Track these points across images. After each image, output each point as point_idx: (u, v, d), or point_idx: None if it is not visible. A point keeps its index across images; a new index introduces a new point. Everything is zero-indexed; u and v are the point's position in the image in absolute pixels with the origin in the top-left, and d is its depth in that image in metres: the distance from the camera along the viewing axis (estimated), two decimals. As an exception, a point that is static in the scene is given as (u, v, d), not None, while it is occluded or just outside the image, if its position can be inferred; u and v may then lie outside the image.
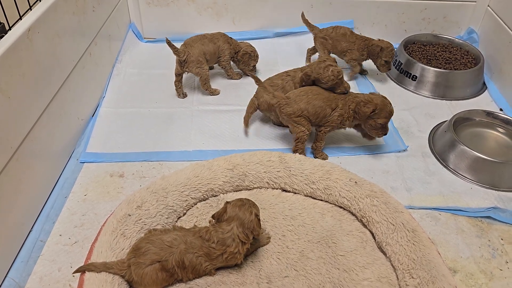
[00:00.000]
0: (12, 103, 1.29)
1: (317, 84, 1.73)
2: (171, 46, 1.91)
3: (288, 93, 1.71)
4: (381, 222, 1.38)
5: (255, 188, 1.56)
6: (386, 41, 2.08)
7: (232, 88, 2.14)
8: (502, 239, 1.44)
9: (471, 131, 1.84)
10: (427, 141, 1.84)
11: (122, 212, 1.35)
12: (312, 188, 1.52)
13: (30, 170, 1.41)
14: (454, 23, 2.47)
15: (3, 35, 1.32)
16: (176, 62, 1.99)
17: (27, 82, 1.38)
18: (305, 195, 1.54)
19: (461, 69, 2.15)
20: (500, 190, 1.61)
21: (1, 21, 1.33)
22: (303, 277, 1.28)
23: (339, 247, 1.36)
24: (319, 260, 1.33)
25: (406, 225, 1.34)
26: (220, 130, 1.87)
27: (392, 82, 2.23)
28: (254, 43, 2.21)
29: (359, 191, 1.46)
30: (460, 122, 1.84)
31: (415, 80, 2.15)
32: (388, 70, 2.12)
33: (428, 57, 2.25)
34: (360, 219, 1.45)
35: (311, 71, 1.72)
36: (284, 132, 1.86)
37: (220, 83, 2.18)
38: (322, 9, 2.46)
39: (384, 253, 1.35)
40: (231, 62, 2.16)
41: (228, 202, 1.29)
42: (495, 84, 2.17)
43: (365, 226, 1.44)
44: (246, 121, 1.85)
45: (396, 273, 1.29)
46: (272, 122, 1.91)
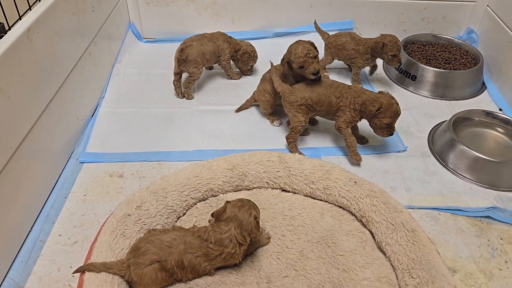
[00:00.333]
0: (11, 103, 1.29)
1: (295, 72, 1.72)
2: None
3: (295, 85, 1.73)
4: (381, 222, 1.38)
5: (255, 188, 1.56)
6: (388, 34, 2.00)
7: (232, 88, 2.14)
8: (501, 239, 1.44)
9: (470, 131, 1.84)
10: (427, 141, 1.84)
11: (122, 212, 1.35)
12: (311, 188, 1.52)
13: (30, 170, 1.41)
14: (454, 23, 2.48)
15: (3, 35, 1.32)
16: (174, 60, 1.98)
17: (26, 82, 1.38)
18: (304, 195, 1.54)
19: (460, 69, 2.15)
20: (500, 190, 1.61)
21: (1, 21, 1.33)
22: (303, 277, 1.28)
23: (339, 247, 1.36)
24: (318, 260, 1.33)
25: (406, 225, 1.34)
26: (219, 130, 1.87)
27: (392, 82, 2.23)
28: (253, 43, 2.21)
29: (359, 191, 1.46)
30: (460, 122, 1.84)
31: (414, 80, 2.15)
32: (399, 63, 2.01)
33: (428, 57, 2.25)
34: (360, 219, 1.45)
35: (284, 56, 1.73)
36: (284, 132, 1.86)
37: (220, 83, 2.18)
38: (322, 9, 2.46)
39: (384, 253, 1.35)
40: (231, 61, 2.16)
41: (228, 202, 1.29)
42: (495, 84, 2.17)
43: (364, 226, 1.44)
44: (240, 109, 1.96)
45: (395, 273, 1.29)
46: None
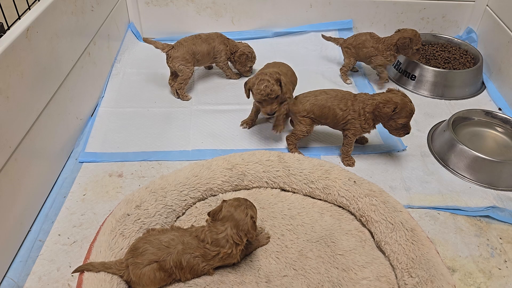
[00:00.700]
0: (10, 102, 1.29)
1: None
2: (152, 43, 1.97)
3: (301, 93, 1.72)
4: (380, 221, 1.38)
5: (254, 187, 1.56)
6: (407, 29, 2.01)
7: (231, 88, 2.14)
8: (500, 238, 1.44)
9: (470, 131, 1.84)
10: (426, 140, 1.84)
11: (121, 212, 1.35)
12: (311, 187, 1.52)
13: (29, 170, 1.41)
14: (453, 22, 2.48)
15: (2, 35, 1.32)
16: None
17: (25, 82, 1.38)
18: (304, 195, 1.54)
19: (460, 69, 2.15)
20: (499, 190, 1.61)
21: (0, 21, 1.33)
22: (302, 276, 1.28)
23: (338, 247, 1.36)
24: (318, 260, 1.33)
25: (405, 224, 1.34)
26: (219, 129, 1.87)
27: (391, 82, 2.23)
28: (253, 43, 2.21)
29: (358, 191, 1.46)
30: (459, 121, 1.84)
31: (414, 80, 2.15)
32: (420, 55, 2.06)
33: (427, 56, 2.25)
34: (359, 219, 1.45)
35: (249, 81, 1.63)
36: (283, 132, 1.85)
37: (219, 83, 2.18)
38: (321, 9, 2.46)
39: (383, 252, 1.35)
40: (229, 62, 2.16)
41: (225, 201, 1.28)
42: (494, 83, 2.17)
43: (364, 225, 1.44)
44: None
45: (395, 272, 1.29)
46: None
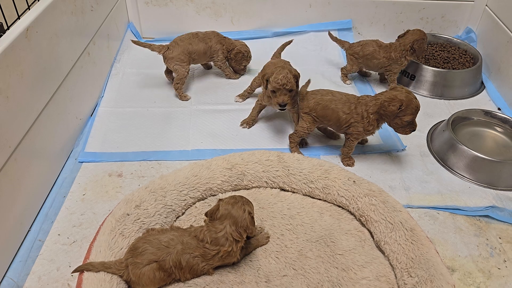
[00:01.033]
0: (10, 102, 1.29)
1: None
2: (146, 46, 1.96)
3: (310, 90, 1.70)
4: (380, 221, 1.38)
5: (254, 187, 1.56)
6: (415, 31, 2.00)
7: (230, 87, 2.14)
8: (500, 238, 1.44)
9: (469, 131, 1.84)
10: (426, 140, 1.84)
11: (121, 212, 1.35)
12: (310, 187, 1.52)
13: (29, 170, 1.41)
14: (452, 22, 2.48)
15: (2, 35, 1.32)
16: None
17: (25, 82, 1.38)
18: (303, 194, 1.55)
19: (459, 69, 2.15)
20: (498, 189, 1.61)
21: (0, 21, 1.33)
22: (302, 276, 1.28)
23: (338, 246, 1.37)
24: (317, 259, 1.33)
25: (405, 224, 1.35)
26: (218, 129, 1.87)
27: (391, 81, 2.24)
28: (252, 42, 2.21)
29: (358, 190, 1.47)
30: (458, 121, 1.84)
31: (413, 80, 2.15)
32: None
33: (427, 56, 2.25)
34: (359, 218, 1.45)
35: (269, 72, 1.63)
36: (283, 132, 1.86)
37: (218, 83, 2.18)
38: (321, 9, 2.46)
39: (383, 252, 1.36)
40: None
41: (221, 200, 1.28)
42: (493, 83, 2.17)
43: (363, 225, 1.44)
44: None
45: (394, 272, 1.30)
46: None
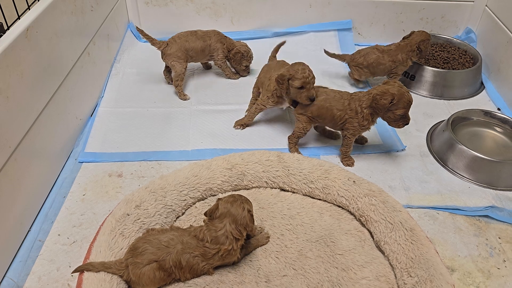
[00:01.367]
0: (10, 102, 1.29)
1: (289, 93, 1.66)
2: (149, 39, 1.96)
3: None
4: (379, 221, 1.38)
5: (254, 187, 1.56)
6: (420, 32, 2.00)
7: (230, 87, 2.14)
8: (499, 238, 1.44)
9: (469, 131, 1.84)
10: (425, 140, 1.85)
11: (121, 212, 1.35)
12: (310, 187, 1.52)
13: (29, 170, 1.41)
14: (452, 22, 2.48)
15: (2, 35, 1.32)
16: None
17: (25, 82, 1.38)
18: (303, 195, 1.55)
19: (459, 69, 2.16)
20: (498, 189, 1.61)
21: (0, 21, 1.33)
22: (302, 276, 1.29)
23: (338, 246, 1.37)
24: (317, 259, 1.33)
25: (404, 224, 1.35)
26: (218, 129, 1.87)
27: (390, 81, 2.24)
28: (252, 43, 2.21)
29: (358, 190, 1.47)
30: (458, 121, 1.84)
31: (413, 80, 2.15)
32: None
33: (426, 56, 2.25)
34: (359, 218, 1.45)
35: (287, 71, 1.63)
36: (283, 132, 1.86)
37: (218, 83, 2.18)
38: (321, 9, 2.46)
39: (382, 252, 1.36)
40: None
41: (220, 199, 1.28)
42: (493, 83, 2.18)
43: (363, 225, 1.45)
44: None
45: (394, 272, 1.30)
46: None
